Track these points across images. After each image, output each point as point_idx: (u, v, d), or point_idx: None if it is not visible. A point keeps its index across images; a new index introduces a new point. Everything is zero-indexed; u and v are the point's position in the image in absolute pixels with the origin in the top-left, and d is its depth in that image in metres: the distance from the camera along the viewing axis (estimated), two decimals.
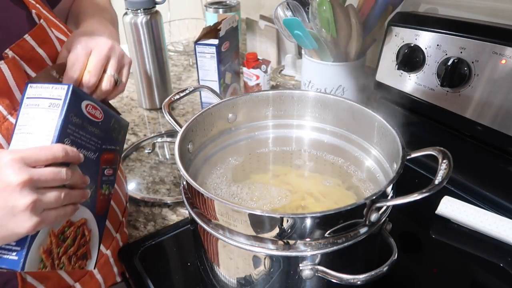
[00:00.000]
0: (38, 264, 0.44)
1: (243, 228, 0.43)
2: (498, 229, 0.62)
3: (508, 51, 0.61)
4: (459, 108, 0.69)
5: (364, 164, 0.61)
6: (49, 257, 0.45)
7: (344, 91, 0.85)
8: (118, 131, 0.55)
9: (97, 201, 0.52)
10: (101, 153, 0.52)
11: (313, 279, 0.45)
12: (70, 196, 0.45)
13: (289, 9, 0.85)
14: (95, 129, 0.50)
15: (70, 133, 0.45)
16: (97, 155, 0.51)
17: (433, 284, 0.58)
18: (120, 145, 0.57)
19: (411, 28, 0.75)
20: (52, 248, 0.45)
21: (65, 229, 0.47)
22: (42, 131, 0.44)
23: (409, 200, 0.41)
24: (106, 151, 0.52)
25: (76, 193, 0.46)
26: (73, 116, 0.45)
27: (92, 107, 0.49)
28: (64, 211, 0.44)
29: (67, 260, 0.48)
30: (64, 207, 0.44)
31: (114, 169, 0.55)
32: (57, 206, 0.43)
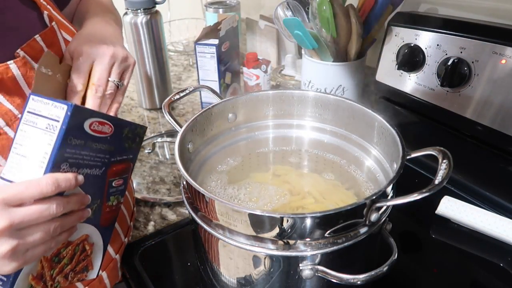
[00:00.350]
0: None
1: (243, 228, 0.43)
2: (498, 229, 0.62)
3: (508, 51, 0.61)
4: (459, 108, 0.69)
5: (364, 164, 0.61)
6: (40, 281, 0.43)
7: (344, 91, 0.85)
8: (132, 140, 0.51)
9: (102, 214, 0.48)
10: (109, 167, 0.47)
11: (313, 279, 0.45)
12: (64, 224, 0.42)
13: (289, 9, 0.85)
14: (102, 145, 0.45)
15: (68, 157, 0.41)
16: (103, 170, 0.47)
17: (433, 284, 0.58)
18: (133, 152, 0.52)
19: (411, 28, 0.75)
20: (44, 272, 0.43)
21: (60, 251, 0.44)
22: (37, 156, 0.40)
23: (409, 200, 0.41)
24: (115, 163, 0.48)
25: (73, 218, 0.43)
26: (73, 139, 0.41)
27: (98, 123, 0.44)
28: (55, 242, 0.42)
29: (63, 278, 0.46)
30: (56, 237, 0.42)
31: (124, 178, 0.51)
32: (45, 241, 0.40)
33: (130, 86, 1.30)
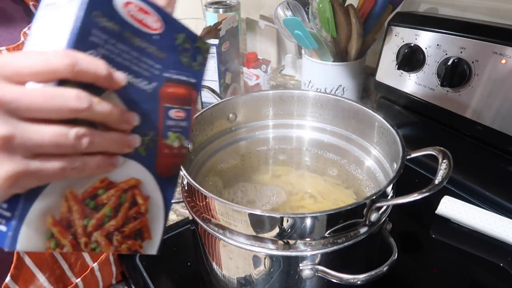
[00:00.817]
0: (46, 242, 0.28)
1: (243, 228, 0.43)
2: (498, 229, 0.62)
3: (508, 51, 0.61)
4: (459, 108, 0.69)
5: (364, 164, 0.61)
6: (66, 231, 0.29)
7: (344, 91, 0.85)
8: (191, 55, 0.37)
9: (159, 156, 0.36)
10: (162, 84, 0.35)
11: (313, 279, 0.45)
12: (100, 139, 0.28)
13: (289, 9, 0.85)
14: (148, 45, 0.33)
15: (97, 43, 0.29)
16: (154, 86, 0.34)
17: (433, 284, 0.58)
18: (196, 76, 0.39)
19: (411, 28, 0.75)
20: (72, 218, 0.30)
21: (98, 192, 0.31)
22: (53, 41, 0.28)
23: (409, 200, 0.41)
24: (171, 81, 0.36)
25: (112, 136, 0.29)
26: (102, 17, 0.29)
27: (139, 8, 0.32)
28: (83, 163, 0.28)
29: (104, 238, 0.31)
30: (85, 157, 0.28)
31: (187, 111, 0.38)
32: (67, 153, 0.27)
33: None
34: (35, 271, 0.49)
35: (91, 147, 0.28)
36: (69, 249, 0.30)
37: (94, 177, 0.31)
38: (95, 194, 0.31)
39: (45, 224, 0.28)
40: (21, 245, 0.27)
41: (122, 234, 0.33)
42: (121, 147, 0.31)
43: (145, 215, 0.35)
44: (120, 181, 0.32)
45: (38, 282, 0.50)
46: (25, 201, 0.27)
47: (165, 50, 0.35)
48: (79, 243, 0.30)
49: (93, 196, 0.31)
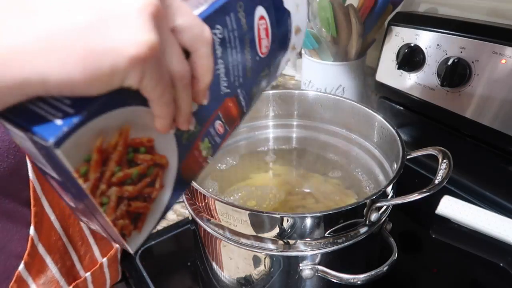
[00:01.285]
0: (80, 162, 0.25)
1: (243, 228, 0.43)
2: (498, 229, 0.62)
3: (508, 51, 0.61)
4: (459, 108, 0.69)
5: (364, 164, 0.61)
6: (99, 166, 0.26)
7: (344, 90, 0.85)
8: (257, 85, 0.39)
9: (189, 153, 0.34)
10: (231, 96, 0.36)
11: (313, 278, 0.45)
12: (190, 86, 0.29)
13: None
14: (249, 60, 0.35)
15: (227, 25, 0.31)
16: (226, 92, 0.35)
17: (433, 284, 0.58)
18: (248, 105, 0.39)
19: (411, 28, 0.75)
20: (111, 156, 0.27)
21: (140, 148, 0.29)
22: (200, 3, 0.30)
23: (409, 199, 0.41)
24: (236, 99, 0.37)
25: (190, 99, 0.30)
26: (241, 8, 0.32)
27: (265, 27, 0.34)
28: (184, 90, 0.28)
29: (116, 199, 0.29)
30: (185, 90, 0.29)
31: (226, 130, 0.38)
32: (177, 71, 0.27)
33: None
34: (48, 261, 0.49)
35: (187, 88, 0.29)
36: (88, 185, 0.26)
37: (151, 130, 0.29)
38: (138, 148, 0.29)
39: (93, 143, 0.25)
40: (62, 148, 0.23)
41: (127, 208, 0.30)
42: (188, 115, 0.30)
43: (151, 203, 0.32)
44: (157, 152, 0.31)
45: (50, 272, 0.50)
46: (99, 106, 0.25)
47: (252, 73, 0.37)
48: (98, 187, 0.27)
49: (135, 149, 0.29)
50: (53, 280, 0.51)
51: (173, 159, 0.33)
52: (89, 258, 0.57)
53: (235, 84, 0.35)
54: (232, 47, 0.33)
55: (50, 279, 0.50)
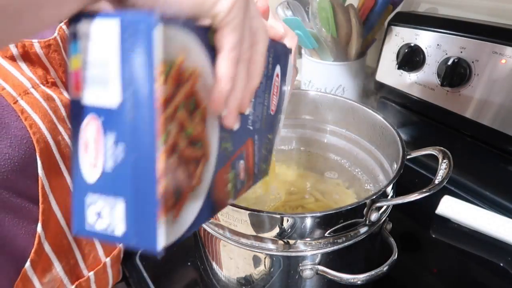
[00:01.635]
0: (166, 58, 0.23)
1: (243, 228, 0.43)
2: (498, 229, 0.62)
3: (508, 50, 0.61)
4: (459, 107, 0.69)
5: (364, 164, 0.61)
6: (175, 82, 0.24)
7: (344, 90, 0.85)
8: (265, 145, 0.40)
9: (221, 170, 0.32)
10: (249, 136, 0.36)
11: (313, 278, 0.45)
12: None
13: (290, 8, 0.85)
14: (265, 110, 0.37)
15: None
16: (247, 130, 0.35)
17: (433, 283, 0.58)
18: (258, 167, 0.39)
19: (411, 28, 0.75)
20: (181, 87, 0.25)
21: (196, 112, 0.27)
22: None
23: (410, 199, 0.41)
24: (252, 141, 0.37)
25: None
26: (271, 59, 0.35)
27: (277, 84, 0.37)
28: (258, 55, 0.31)
29: (173, 138, 0.25)
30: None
31: (243, 179, 0.37)
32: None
33: None
34: (53, 259, 0.49)
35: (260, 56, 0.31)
36: (162, 93, 0.23)
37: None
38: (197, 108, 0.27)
39: (177, 53, 0.24)
40: (160, 29, 0.23)
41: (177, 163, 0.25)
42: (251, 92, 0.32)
43: (194, 181, 0.28)
44: (206, 135, 0.29)
45: (55, 271, 0.50)
46: (187, 21, 0.25)
47: (266, 125, 0.38)
48: (167, 106, 0.24)
49: (196, 106, 0.27)
50: (57, 279, 0.51)
51: (213, 158, 0.30)
52: (93, 257, 0.57)
53: (255, 126, 0.35)
54: (259, 89, 0.33)
55: (54, 277, 0.51)
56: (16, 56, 0.45)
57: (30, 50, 0.46)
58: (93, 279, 0.57)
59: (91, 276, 0.57)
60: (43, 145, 0.45)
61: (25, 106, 0.43)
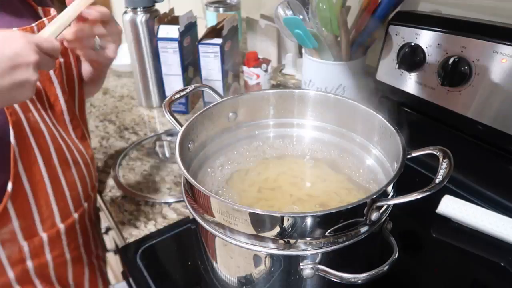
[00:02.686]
0: None
1: (244, 227, 0.43)
2: (498, 228, 0.62)
3: (509, 50, 0.61)
4: (459, 107, 0.69)
5: (364, 163, 0.61)
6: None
7: (345, 90, 0.85)
8: None
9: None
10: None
11: (313, 278, 0.45)
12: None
13: (290, 8, 0.85)
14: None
15: None
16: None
17: (434, 283, 0.58)
18: None
19: (411, 27, 0.75)
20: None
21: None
22: None
23: (410, 199, 0.41)
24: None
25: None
26: None
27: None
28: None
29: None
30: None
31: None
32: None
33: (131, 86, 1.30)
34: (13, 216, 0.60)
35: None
36: None
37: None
38: None
39: None
40: None
41: None
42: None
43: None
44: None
45: (11, 225, 0.61)
46: None
47: None
48: None
49: None
50: (12, 232, 0.62)
51: None
52: (51, 222, 0.66)
53: None
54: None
55: (10, 230, 0.61)
56: None
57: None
58: (46, 240, 0.65)
59: (44, 237, 0.65)
60: (15, 117, 0.57)
61: None
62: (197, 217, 0.48)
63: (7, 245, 0.62)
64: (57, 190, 0.65)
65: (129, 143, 0.97)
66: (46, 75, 0.65)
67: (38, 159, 0.62)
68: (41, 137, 0.62)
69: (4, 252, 0.62)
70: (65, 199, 0.68)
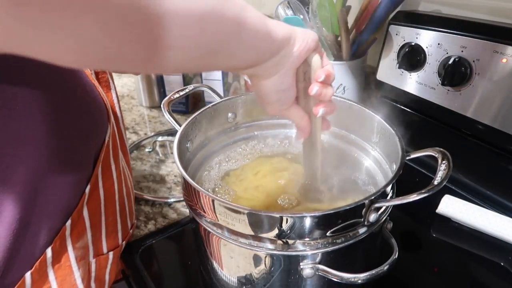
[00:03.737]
0: None
1: (242, 227, 0.43)
2: (498, 228, 0.62)
3: (509, 50, 0.61)
4: (460, 107, 0.69)
5: (363, 164, 0.61)
6: None
7: (345, 90, 0.85)
8: None
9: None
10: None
11: (313, 278, 0.45)
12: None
13: (290, 7, 0.85)
14: None
15: None
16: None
17: (434, 283, 0.58)
18: None
19: (412, 27, 0.75)
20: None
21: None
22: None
23: (408, 200, 0.41)
24: None
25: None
26: None
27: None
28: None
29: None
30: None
31: None
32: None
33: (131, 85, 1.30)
34: (87, 225, 0.51)
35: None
36: None
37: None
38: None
39: None
40: None
41: None
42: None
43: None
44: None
45: (86, 238, 0.51)
46: None
47: None
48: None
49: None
50: (86, 247, 0.52)
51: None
52: (113, 237, 0.57)
53: None
54: None
55: (85, 244, 0.52)
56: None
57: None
58: (112, 257, 0.57)
59: (110, 255, 0.57)
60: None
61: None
62: (196, 217, 0.48)
63: (81, 264, 0.51)
64: (121, 199, 0.57)
65: (129, 143, 0.97)
66: (104, 79, 0.55)
67: (111, 162, 0.53)
68: (114, 139, 0.54)
69: (79, 271, 0.51)
70: (125, 212, 0.59)
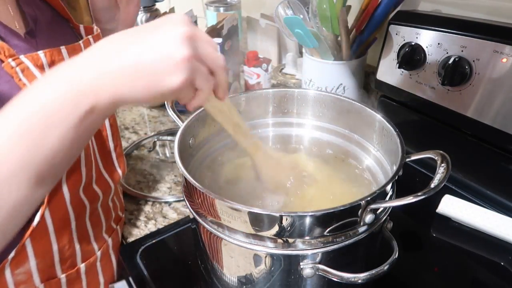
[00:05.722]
0: None
1: (243, 226, 0.43)
2: (499, 228, 0.62)
3: (509, 49, 0.61)
4: (460, 106, 0.69)
5: (364, 164, 0.61)
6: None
7: (345, 89, 0.85)
8: None
9: None
10: None
11: (313, 277, 0.45)
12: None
13: (290, 7, 0.85)
14: None
15: None
16: None
17: (434, 282, 0.58)
18: None
19: (411, 27, 0.75)
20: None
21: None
22: None
23: (404, 202, 0.41)
24: None
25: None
26: None
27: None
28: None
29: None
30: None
31: None
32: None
33: None
34: (30, 255, 0.51)
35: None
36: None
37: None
38: None
39: None
40: None
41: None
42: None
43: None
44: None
45: (27, 265, 0.52)
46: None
47: None
48: None
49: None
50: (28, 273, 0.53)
51: None
52: (71, 262, 0.57)
53: None
54: None
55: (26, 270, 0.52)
56: (44, 64, 0.48)
57: (57, 57, 0.49)
58: (65, 282, 0.57)
59: (63, 279, 0.57)
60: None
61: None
62: (196, 216, 0.48)
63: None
64: (80, 227, 0.57)
65: (129, 143, 0.97)
66: None
67: (64, 191, 0.52)
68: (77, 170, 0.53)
69: None
70: (88, 237, 0.59)
